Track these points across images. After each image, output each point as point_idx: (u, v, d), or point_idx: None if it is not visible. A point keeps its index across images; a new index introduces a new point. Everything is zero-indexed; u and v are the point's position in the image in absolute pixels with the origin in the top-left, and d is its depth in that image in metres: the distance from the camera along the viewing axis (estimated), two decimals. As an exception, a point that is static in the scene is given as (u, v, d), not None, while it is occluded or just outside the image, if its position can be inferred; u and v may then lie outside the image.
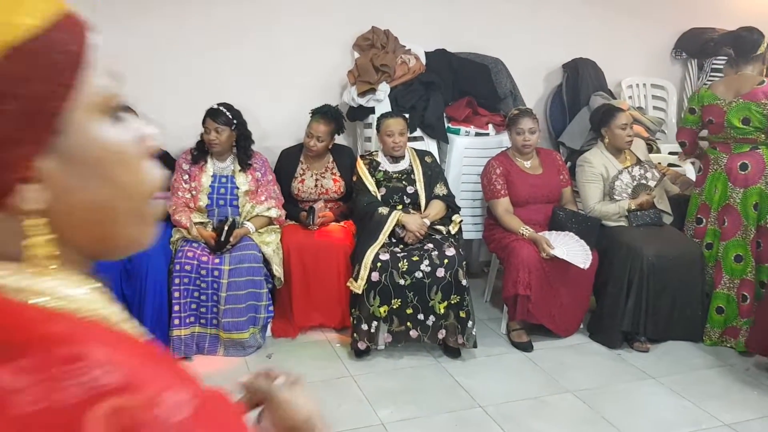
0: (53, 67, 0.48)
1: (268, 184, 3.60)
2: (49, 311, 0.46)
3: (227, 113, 3.46)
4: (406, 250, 3.34)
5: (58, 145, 0.49)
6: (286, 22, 4.00)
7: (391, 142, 3.50)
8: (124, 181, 0.53)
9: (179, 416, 0.42)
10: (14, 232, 0.47)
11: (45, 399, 0.40)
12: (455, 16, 4.34)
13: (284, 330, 3.57)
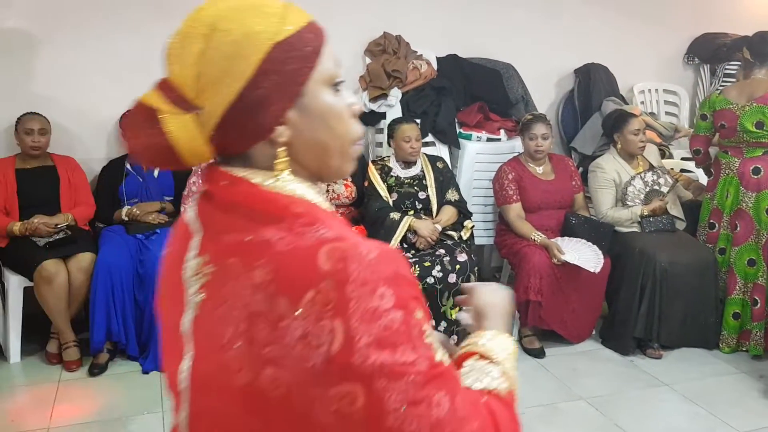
0: (301, 55, 0.76)
1: None
2: (292, 197, 0.75)
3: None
4: (417, 256, 3.34)
5: (299, 103, 0.76)
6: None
7: (409, 147, 3.50)
8: (337, 129, 0.80)
9: (370, 255, 0.68)
10: (271, 154, 0.76)
11: (294, 243, 0.70)
12: (467, 22, 4.34)
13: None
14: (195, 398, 0.75)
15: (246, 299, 0.68)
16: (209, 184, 0.78)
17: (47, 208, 3.38)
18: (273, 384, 0.67)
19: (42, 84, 3.64)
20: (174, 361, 0.78)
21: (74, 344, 3.28)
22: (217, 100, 0.73)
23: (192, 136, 0.73)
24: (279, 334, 0.66)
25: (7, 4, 3.56)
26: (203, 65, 0.73)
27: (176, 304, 0.77)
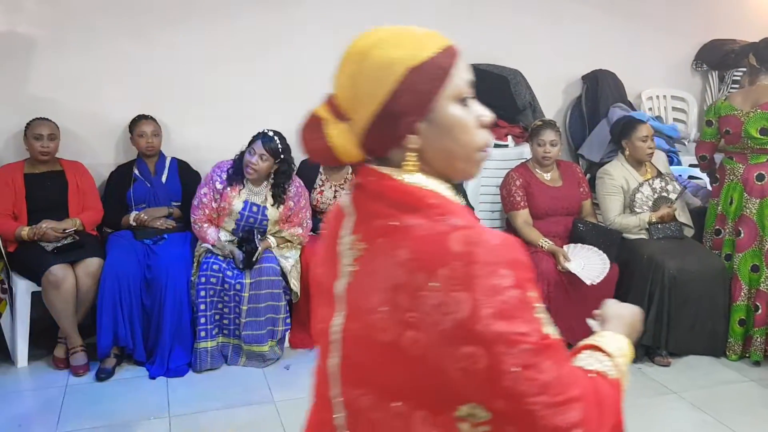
0: (432, 77, 0.89)
1: (300, 211, 3.55)
2: (428, 191, 0.90)
3: (278, 144, 3.36)
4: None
5: (429, 116, 0.90)
6: (309, 34, 4.02)
7: None
8: (462, 138, 0.92)
9: (494, 241, 0.82)
10: (402, 157, 0.91)
11: (431, 229, 0.84)
12: (474, 28, 4.33)
13: (302, 341, 3.57)
14: (346, 348, 0.92)
15: (391, 273, 0.85)
16: (361, 177, 0.95)
17: (55, 213, 3.40)
18: (412, 343, 0.83)
19: (51, 89, 3.66)
20: (326, 317, 0.95)
21: (81, 349, 3.29)
22: (363, 113, 0.89)
23: (346, 141, 0.91)
24: (418, 302, 0.81)
25: (17, 10, 3.58)
26: (355, 85, 0.90)
27: (331, 271, 0.95)
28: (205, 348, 3.30)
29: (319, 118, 0.93)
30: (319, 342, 1.00)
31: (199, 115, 3.88)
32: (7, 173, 3.41)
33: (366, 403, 0.91)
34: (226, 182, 3.43)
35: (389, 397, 0.88)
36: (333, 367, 0.95)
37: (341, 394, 0.95)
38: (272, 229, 3.49)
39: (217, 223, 3.46)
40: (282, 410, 2.95)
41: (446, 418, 0.86)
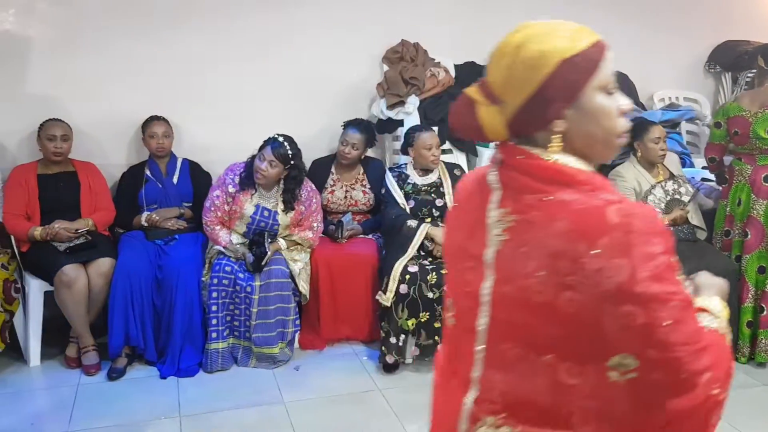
0: (582, 69, 0.99)
1: (311, 215, 3.54)
2: (574, 169, 1.00)
3: (288, 150, 3.34)
4: (435, 263, 3.33)
5: (576, 103, 1.00)
6: (316, 35, 4.04)
7: (431, 155, 3.50)
8: (604, 125, 1.02)
9: (646, 213, 0.94)
10: (549, 138, 1.00)
11: (586, 203, 0.95)
12: (485, 29, 4.28)
13: (312, 342, 3.57)
14: (495, 308, 1.03)
15: (549, 242, 0.95)
16: (506, 156, 1.05)
17: (68, 214, 3.42)
18: (568, 303, 0.94)
19: (64, 90, 3.69)
20: (472, 281, 1.06)
21: (93, 348, 3.30)
22: (515, 97, 1.00)
23: (495, 121, 1.02)
24: (578, 267, 0.92)
25: (29, 11, 3.61)
26: (509, 73, 1.00)
27: (479, 241, 1.05)
28: (216, 349, 3.31)
29: (472, 99, 1.05)
30: (463, 304, 1.10)
31: (211, 116, 3.89)
32: (21, 174, 3.44)
33: (513, 355, 1.02)
34: (239, 186, 3.43)
35: (538, 350, 1.00)
36: (481, 326, 1.06)
37: (485, 350, 1.06)
38: (283, 233, 3.50)
39: (228, 225, 3.47)
40: (291, 411, 2.95)
41: (597, 367, 0.97)
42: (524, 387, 1.02)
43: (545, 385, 1.00)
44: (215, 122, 3.83)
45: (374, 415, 2.94)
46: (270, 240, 3.40)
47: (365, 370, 3.36)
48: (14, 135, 3.66)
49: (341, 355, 3.54)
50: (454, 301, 1.14)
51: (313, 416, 2.92)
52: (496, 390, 1.05)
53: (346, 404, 3.02)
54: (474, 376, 1.07)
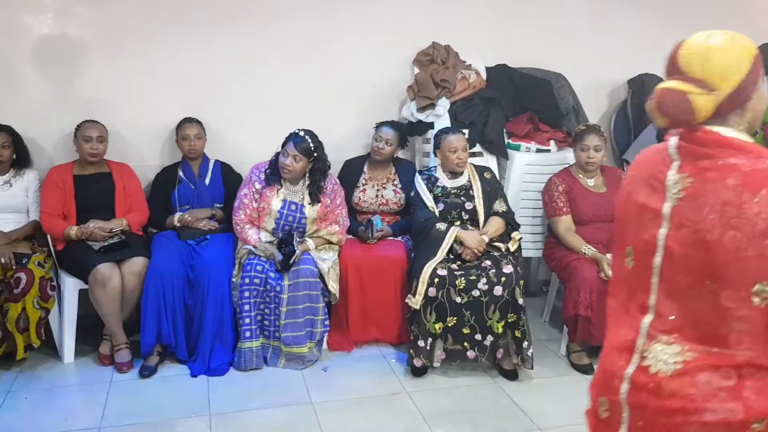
0: (762, 62, 1.34)
1: (336, 209, 3.59)
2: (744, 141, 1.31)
3: (310, 144, 3.42)
4: (463, 267, 3.31)
5: (756, 89, 1.34)
6: (348, 38, 4.05)
7: (456, 158, 3.48)
8: (764, 106, 1.37)
9: None
10: (735, 117, 1.33)
11: (753, 165, 1.25)
12: (516, 31, 4.30)
13: (340, 343, 3.58)
14: (668, 249, 1.32)
15: (720, 194, 1.25)
16: (688, 134, 1.34)
17: (103, 214, 3.48)
18: (731, 240, 1.23)
19: (100, 92, 3.76)
20: (649, 229, 1.36)
21: (126, 346, 3.36)
22: (727, 86, 1.30)
23: (709, 106, 1.29)
24: (741, 211, 1.22)
25: (68, 15, 3.69)
26: (724, 66, 1.30)
27: (656, 198, 1.35)
28: (250, 348, 3.34)
29: (684, 91, 1.30)
30: (641, 248, 1.39)
31: (242, 118, 3.93)
32: (58, 174, 3.51)
33: (683, 284, 1.31)
34: (265, 182, 3.49)
35: (704, 278, 1.27)
36: (657, 263, 1.35)
37: (660, 282, 1.35)
38: (311, 228, 3.52)
39: (257, 223, 3.50)
40: (320, 411, 2.96)
41: (744, 293, 1.23)
42: (691, 311, 1.30)
43: (708, 309, 1.27)
44: (248, 124, 3.86)
45: (402, 418, 2.93)
46: (299, 240, 3.42)
47: (393, 372, 3.36)
48: (51, 136, 3.74)
49: (369, 357, 3.54)
50: (633, 247, 1.41)
51: (340, 417, 2.92)
52: (669, 314, 1.33)
53: (374, 406, 3.02)
54: (650, 303, 1.37)
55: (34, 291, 3.22)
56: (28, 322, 3.21)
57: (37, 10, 3.63)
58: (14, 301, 3.17)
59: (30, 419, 2.87)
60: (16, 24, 3.61)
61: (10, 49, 3.61)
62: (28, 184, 3.52)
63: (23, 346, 3.22)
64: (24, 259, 3.28)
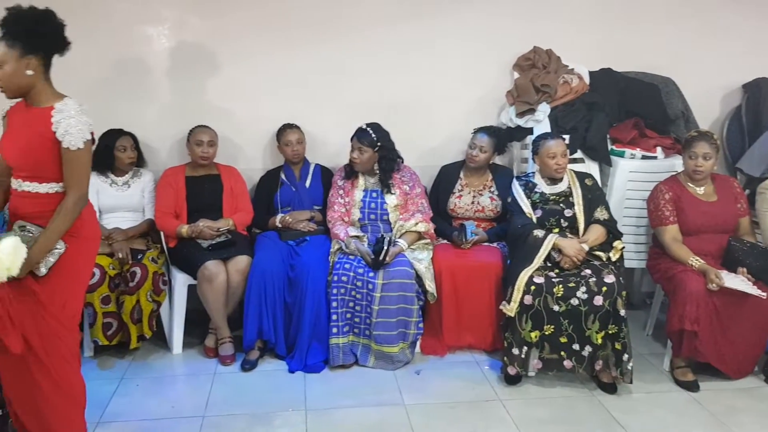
0: None
1: (416, 197, 3.67)
2: None
3: (372, 134, 3.57)
4: (561, 275, 3.24)
5: None
6: (446, 43, 4.06)
7: (554, 164, 3.42)
8: None
9: None
10: None
11: None
12: (622, 34, 4.17)
13: (433, 348, 3.59)
14: None
15: None
16: None
17: (211, 213, 3.66)
18: None
19: (211, 98, 3.96)
20: None
21: (229, 340, 3.52)
22: None
23: None
24: None
25: (182, 26, 3.91)
26: None
27: None
28: (337, 344, 3.41)
29: None
30: None
31: (340, 123, 4.00)
32: (171, 176, 3.73)
33: None
34: (345, 178, 3.70)
35: None
36: None
37: None
38: (393, 216, 3.62)
39: (347, 219, 3.63)
40: (412, 414, 2.98)
41: None
42: None
43: None
44: (346, 129, 3.94)
45: (494, 425, 2.90)
46: (393, 242, 3.47)
47: (486, 379, 3.33)
48: (166, 140, 3.97)
49: (462, 362, 3.53)
50: None
51: (433, 421, 2.93)
52: None
53: (467, 412, 3.01)
54: None
55: (147, 285, 3.43)
56: (142, 314, 3.43)
57: (155, 22, 3.87)
58: (129, 294, 3.39)
59: (140, 405, 3.06)
60: (135, 35, 3.86)
61: (130, 59, 3.86)
62: (144, 184, 3.76)
63: (136, 336, 3.44)
64: (139, 254, 3.51)
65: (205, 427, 2.86)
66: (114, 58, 3.84)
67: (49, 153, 2.29)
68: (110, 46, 3.80)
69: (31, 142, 2.30)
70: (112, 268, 3.39)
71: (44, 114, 2.30)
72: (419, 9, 4.03)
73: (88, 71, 3.70)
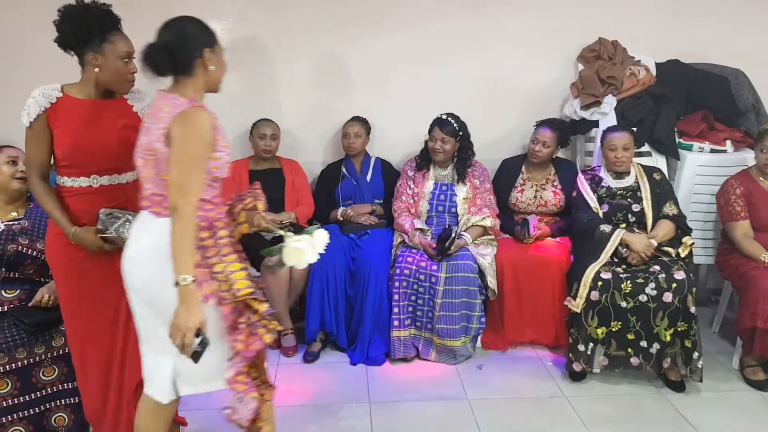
0: None
1: (485, 193, 3.65)
2: None
3: (453, 124, 3.57)
4: (629, 271, 3.18)
5: None
6: (510, 35, 4.02)
7: (613, 156, 3.36)
8: None
9: None
10: None
11: None
12: (690, 25, 4.05)
13: (494, 343, 3.57)
14: None
15: None
16: None
17: (273, 206, 3.70)
18: None
19: (273, 93, 4.01)
20: None
21: (291, 332, 3.57)
22: None
23: None
24: None
25: (245, 20, 3.96)
26: None
27: None
28: (398, 336, 3.42)
29: None
30: None
31: (402, 117, 4.02)
32: (235, 169, 3.78)
33: None
34: (416, 169, 3.70)
35: None
36: None
37: None
38: (461, 209, 3.60)
39: (413, 211, 3.63)
40: (476, 408, 2.97)
41: None
42: None
43: None
44: (408, 123, 3.94)
45: (560, 422, 2.87)
46: (458, 236, 3.45)
47: (550, 375, 3.30)
48: (229, 133, 3.99)
49: (525, 358, 3.50)
50: None
51: (498, 416, 2.92)
52: None
53: (531, 408, 2.99)
54: None
55: (213, 275, 3.49)
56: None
57: (220, 16, 3.93)
58: (196, 284, 3.45)
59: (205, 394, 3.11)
60: (202, 30, 3.93)
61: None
62: (209, 177, 3.82)
63: (202, 325, 3.51)
64: (205, 246, 3.57)
65: (272, 417, 2.90)
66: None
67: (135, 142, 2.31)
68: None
69: (120, 134, 2.28)
70: (179, 259, 3.46)
71: (122, 104, 2.33)
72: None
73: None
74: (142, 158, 2.00)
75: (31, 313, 2.57)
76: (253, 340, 1.99)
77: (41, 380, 2.54)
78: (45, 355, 2.54)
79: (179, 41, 1.97)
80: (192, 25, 2.04)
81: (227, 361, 2.00)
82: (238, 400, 2.02)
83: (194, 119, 1.90)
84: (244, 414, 2.02)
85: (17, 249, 2.65)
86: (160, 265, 1.87)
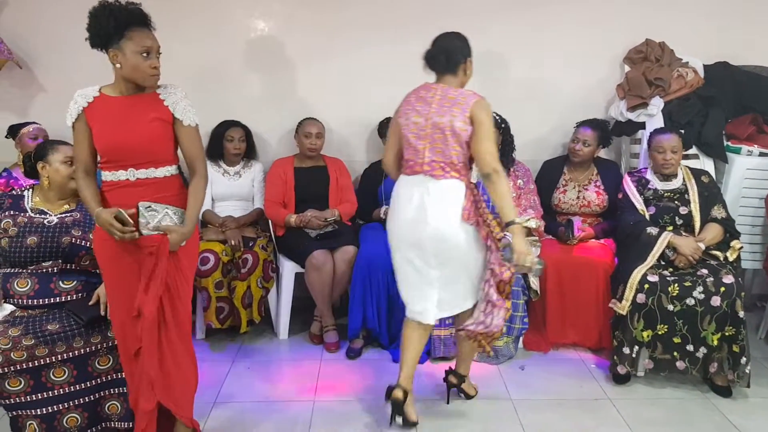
0: None
1: (529, 193, 3.64)
2: None
3: (495, 116, 3.54)
4: (676, 274, 3.15)
5: None
6: (555, 34, 4.01)
7: (662, 158, 3.34)
8: None
9: None
10: None
11: None
12: (738, 26, 4.00)
13: (536, 344, 3.57)
14: None
15: None
16: None
17: (317, 204, 3.75)
18: None
19: (318, 92, 4.05)
20: None
21: (333, 328, 3.61)
22: None
23: None
24: None
25: (292, 20, 4.01)
26: None
27: None
28: (438, 336, 3.43)
29: None
30: None
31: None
32: (280, 167, 3.84)
33: None
34: None
35: None
36: None
37: None
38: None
39: None
40: (519, 409, 2.97)
41: None
42: None
43: None
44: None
45: (605, 424, 2.86)
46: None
47: (593, 377, 3.28)
48: (275, 132, 4.09)
49: (567, 360, 3.49)
50: None
51: (541, 417, 2.91)
52: None
53: (576, 409, 2.98)
54: None
55: (258, 271, 3.55)
56: (252, 299, 3.55)
57: (267, 16, 3.99)
58: (241, 280, 3.52)
59: (252, 387, 3.17)
60: (247, 28, 3.99)
61: (242, 52, 4.00)
62: (254, 174, 3.89)
63: (246, 321, 3.57)
64: (250, 242, 3.63)
65: (317, 411, 2.94)
66: (229, 52, 3.98)
67: (167, 135, 2.33)
68: (226, 41, 3.95)
69: (151, 127, 2.31)
70: (225, 255, 3.53)
71: (153, 98, 2.34)
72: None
73: (207, 63, 3.85)
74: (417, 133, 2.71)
75: (88, 310, 2.64)
76: (503, 269, 2.57)
77: (96, 369, 2.61)
78: (100, 345, 2.61)
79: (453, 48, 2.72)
80: (460, 39, 2.77)
81: (482, 282, 2.65)
82: (487, 315, 2.59)
83: (488, 107, 2.60)
84: (496, 323, 2.59)
85: (71, 241, 2.71)
86: (445, 215, 2.58)
